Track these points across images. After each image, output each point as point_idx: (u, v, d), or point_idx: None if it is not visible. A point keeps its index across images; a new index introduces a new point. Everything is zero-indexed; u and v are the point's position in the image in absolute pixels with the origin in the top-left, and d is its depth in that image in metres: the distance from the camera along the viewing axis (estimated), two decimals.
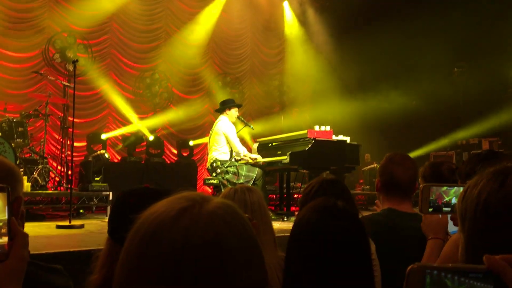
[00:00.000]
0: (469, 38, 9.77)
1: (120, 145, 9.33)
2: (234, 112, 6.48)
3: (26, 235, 0.97)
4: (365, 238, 1.23)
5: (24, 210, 1.15)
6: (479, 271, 0.65)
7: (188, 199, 0.70)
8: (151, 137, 9.36)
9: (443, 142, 10.12)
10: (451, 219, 1.43)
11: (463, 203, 0.92)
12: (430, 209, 1.34)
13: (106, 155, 7.34)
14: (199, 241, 0.65)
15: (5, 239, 0.93)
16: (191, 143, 9.87)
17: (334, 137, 6.19)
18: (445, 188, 1.33)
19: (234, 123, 6.49)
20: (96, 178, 7.18)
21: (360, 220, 1.27)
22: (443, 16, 9.63)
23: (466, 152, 9.36)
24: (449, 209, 1.33)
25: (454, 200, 1.32)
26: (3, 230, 0.93)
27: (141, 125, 9.70)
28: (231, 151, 6.39)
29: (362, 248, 1.21)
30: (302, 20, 12.17)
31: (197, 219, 0.67)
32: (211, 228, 0.66)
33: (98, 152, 7.43)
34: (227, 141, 6.30)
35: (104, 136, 8.86)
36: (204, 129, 10.54)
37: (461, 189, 1.29)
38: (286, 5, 12.01)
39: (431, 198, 1.32)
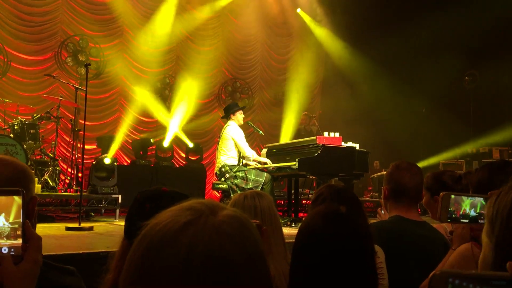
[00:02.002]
0: (480, 46, 9.73)
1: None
2: (239, 115, 6.52)
3: (39, 239, 0.99)
4: (368, 245, 1.23)
5: (37, 210, 1.17)
6: (503, 279, 0.64)
7: (195, 211, 0.69)
8: (165, 143, 9.45)
9: (453, 151, 10.05)
10: (470, 230, 1.42)
11: (494, 206, 0.92)
12: (449, 220, 1.33)
13: (106, 160, 7.41)
14: (203, 255, 0.64)
15: (20, 241, 0.95)
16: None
17: (343, 144, 6.19)
18: (467, 200, 1.31)
19: (241, 126, 6.53)
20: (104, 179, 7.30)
21: (363, 227, 1.26)
22: (454, 24, 9.59)
23: (476, 161, 9.29)
24: (466, 220, 1.32)
25: (472, 212, 1.31)
26: (18, 232, 0.95)
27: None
28: (240, 156, 6.41)
29: (364, 255, 1.20)
30: (314, 25, 12.17)
31: (201, 232, 0.66)
32: (215, 242, 0.65)
33: (100, 157, 7.57)
34: (236, 145, 6.33)
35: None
36: (213, 133, 10.58)
37: (480, 199, 1.30)
38: (299, 11, 12.01)
39: (450, 209, 1.31)
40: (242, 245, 0.67)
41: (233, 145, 6.33)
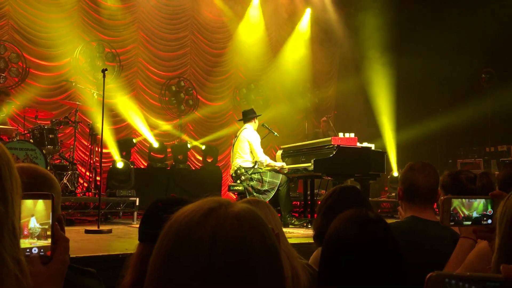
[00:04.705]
0: (497, 43, 9.61)
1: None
2: (256, 121, 6.64)
3: (67, 240, 1.04)
4: (399, 247, 1.24)
5: (63, 216, 1.21)
6: (496, 280, 0.66)
7: (215, 201, 0.75)
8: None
9: (471, 149, 9.94)
10: (473, 232, 1.43)
11: (503, 207, 0.94)
12: (452, 223, 1.34)
13: (119, 164, 7.54)
14: (225, 239, 0.69)
15: (49, 241, 1.01)
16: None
17: (359, 144, 6.17)
18: (470, 202, 1.32)
19: (257, 128, 6.61)
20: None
21: (391, 230, 1.27)
22: (471, 23, 9.49)
23: (494, 159, 9.17)
24: (469, 222, 1.33)
25: (475, 214, 1.31)
26: (49, 232, 1.01)
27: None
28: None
29: (397, 258, 1.21)
30: (326, 27, 12.12)
31: (223, 218, 0.71)
32: (237, 228, 0.70)
33: (113, 161, 7.75)
34: (251, 150, 6.37)
35: (134, 140, 9.08)
36: (229, 135, 10.63)
37: (482, 201, 1.30)
38: (308, 12, 11.96)
39: (452, 212, 1.32)
40: (260, 232, 0.73)
41: (248, 148, 6.37)
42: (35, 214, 1.00)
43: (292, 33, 11.99)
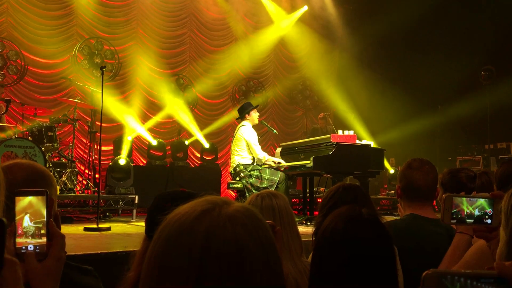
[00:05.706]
0: (497, 41, 9.60)
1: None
2: (254, 114, 6.54)
3: (63, 237, 1.03)
4: (391, 247, 1.23)
5: (59, 212, 1.20)
6: (491, 277, 0.68)
7: (209, 202, 0.74)
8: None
9: (470, 147, 9.94)
10: (473, 231, 1.42)
11: (510, 201, 0.94)
12: (453, 221, 1.34)
13: (121, 161, 7.54)
14: (218, 242, 0.68)
15: (44, 239, 0.99)
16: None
17: (358, 142, 6.16)
18: (472, 200, 1.32)
19: (255, 125, 6.56)
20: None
21: (385, 228, 1.27)
22: (471, 19, 9.48)
23: (493, 156, 9.17)
24: (471, 220, 1.33)
25: (477, 212, 1.31)
26: (43, 231, 0.99)
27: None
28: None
29: (388, 257, 1.21)
30: (325, 23, 12.08)
31: (216, 221, 0.70)
32: (229, 230, 0.69)
33: (115, 158, 7.72)
34: (248, 147, 6.36)
35: (129, 138, 9.02)
36: (228, 133, 10.63)
37: (483, 200, 1.30)
38: (306, 8, 11.91)
39: (454, 210, 1.32)
40: (255, 233, 0.71)
41: (246, 145, 6.36)
42: (29, 211, 0.99)
43: (291, 30, 11.96)
